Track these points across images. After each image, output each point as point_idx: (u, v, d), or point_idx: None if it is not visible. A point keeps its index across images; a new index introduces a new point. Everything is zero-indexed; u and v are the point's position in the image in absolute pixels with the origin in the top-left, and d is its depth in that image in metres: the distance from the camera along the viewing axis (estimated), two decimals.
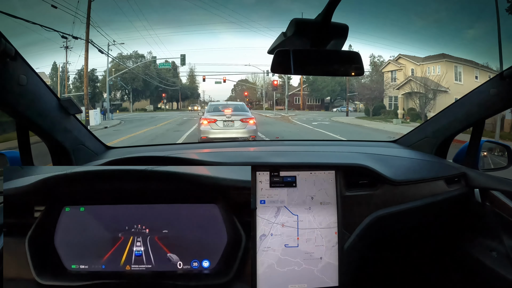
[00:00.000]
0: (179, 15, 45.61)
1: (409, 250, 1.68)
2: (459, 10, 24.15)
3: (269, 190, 1.32)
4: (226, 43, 65.44)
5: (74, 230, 1.05)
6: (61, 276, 1.02)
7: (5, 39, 0.94)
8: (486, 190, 1.40)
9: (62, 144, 1.35)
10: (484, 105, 1.40)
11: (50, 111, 1.25)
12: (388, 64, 25.63)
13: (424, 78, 20.24)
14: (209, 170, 1.12)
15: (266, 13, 46.28)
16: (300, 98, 39.53)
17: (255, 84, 44.49)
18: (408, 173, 1.42)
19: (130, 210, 1.07)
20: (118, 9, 36.34)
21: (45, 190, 1.05)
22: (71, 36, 17.97)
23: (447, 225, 1.55)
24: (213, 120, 8.32)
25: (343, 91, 33.83)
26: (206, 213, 1.07)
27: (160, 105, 39.77)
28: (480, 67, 19.27)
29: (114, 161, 1.34)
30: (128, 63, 33.48)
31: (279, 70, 0.98)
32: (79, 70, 27.59)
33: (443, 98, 18.27)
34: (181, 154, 1.41)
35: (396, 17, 31.80)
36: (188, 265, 1.06)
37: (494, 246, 1.36)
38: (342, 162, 1.39)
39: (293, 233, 1.30)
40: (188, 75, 44.13)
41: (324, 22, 0.93)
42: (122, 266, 1.05)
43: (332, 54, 1.01)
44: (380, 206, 1.36)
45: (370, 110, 24.54)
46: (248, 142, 3.67)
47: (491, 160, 1.60)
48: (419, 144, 1.73)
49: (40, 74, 2.17)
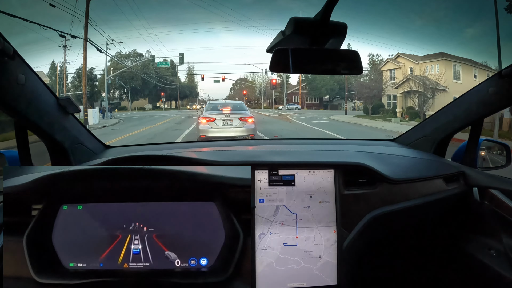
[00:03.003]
0: (178, 13, 45.56)
1: (407, 248, 1.69)
2: (458, 9, 24.15)
3: (268, 188, 1.32)
4: (225, 42, 65.36)
5: (72, 228, 1.05)
6: (59, 274, 1.02)
7: (3, 38, 0.94)
8: (485, 188, 1.40)
9: (61, 143, 1.35)
10: (482, 104, 1.40)
11: (48, 110, 1.24)
12: (387, 63, 25.64)
13: (423, 77, 20.29)
14: (207, 168, 1.12)
15: (265, 11, 46.32)
16: (298, 97, 39.55)
17: (253, 83, 44.52)
18: (407, 172, 1.42)
19: (128, 208, 1.07)
20: (116, 8, 36.20)
21: (43, 189, 1.05)
22: (70, 35, 17.89)
23: (446, 223, 1.56)
24: (212, 119, 8.32)
25: (342, 89, 33.88)
26: (204, 211, 1.07)
27: (159, 104, 39.72)
28: (479, 66, 19.33)
29: (112, 160, 1.33)
30: (126, 62, 33.34)
31: (277, 69, 0.98)
32: (78, 69, 27.43)
33: (442, 96, 18.31)
34: (179, 153, 1.41)
35: (395, 16, 31.82)
36: (186, 263, 1.06)
37: (493, 245, 1.37)
38: (341, 161, 1.39)
39: (292, 231, 1.30)
40: (187, 74, 44.17)
41: (323, 20, 0.93)
42: (120, 264, 1.05)
43: (331, 53, 1.01)
44: (379, 205, 1.36)
45: (369, 109, 24.57)
46: (247, 141, 3.66)
47: (490, 159, 1.60)
48: (418, 143, 1.73)
49: (39, 73, 2.17)
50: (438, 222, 1.57)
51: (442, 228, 1.59)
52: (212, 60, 79.17)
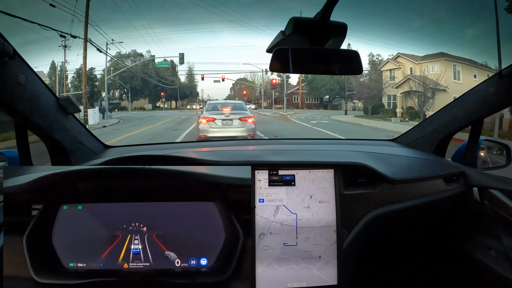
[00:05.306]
0: (178, 13, 45.49)
1: (407, 248, 1.69)
2: (459, 9, 24.13)
3: (268, 188, 1.32)
4: (225, 41, 65.17)
5: (72, 228, 1.05)
6: (59, 274, 1.02)
7: (3, 38, 0.94)
8: (485, 188, 1.40)
9: (61, 143, 1.35)
10: (482, 104, 1.40)
11: (48, 110, 1.24)
12: (387, 63, 25.63)
13: (423, 77, 20.27)
14: (207, 168, 1.12)
15: (265, 11, 46.16)
16: (298, 97, 39.55)
17: (253, 83, 44.50)
18: (407, 172, 1.42)
19: (128, 208, 1.07)
20: (116, 8, 36.11)
21: (43, 189, 1.05)
22: (70, 35, 17.85)
23: (446, 223, 1.56)
24: (212, 119, 8.31)
25: (342, 89, 33.87)
26: (204, 211, 1.07)
27: (159, 104, 39.69)
28: (479, 66, 19.32)
29: (112, 160, 1.33)
30: (126, 62, 33.31)
31: (277, 69, 0.98)
32: (78, 69, 27.40)
33: (442, 96, 18.31)
34: (179, 153, 1.41)
35: (395, 16, 31.82)
36: (186, 263, 1.06)
37: (493, 245, 1.37)
38: (341, 161, 1.39)
39: (292, 231, 1.30)
40: (187, 73, 44.11)
41: (323, 20, 0.93)
42: (120, 264, 1.05)
43: (331, 53, 1.01)
44: (379, 205, 1.36)
45: (369, 109, 24.56)
46: (247, 141, 3.66)
47: (490, 159, 1.60)
48: (418, 143, 1.73)
49: (39, 73, 2.17)
50: (438, 222, 1.57)
51: (442, 228, 1.59)
52: (212, 60, 79.20)
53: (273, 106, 34.24)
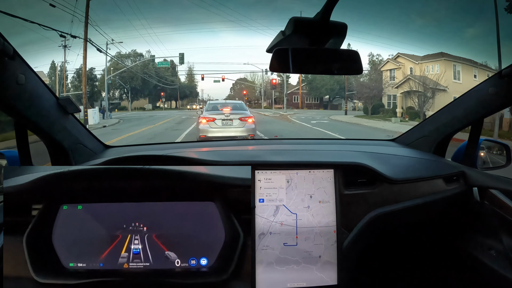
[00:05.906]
0: (178, 13, 45.42)
1: (407, 248, 1.69)
2: (459, 9, 24.17)
3: (268, 188, 1.32)
4: (225, 41, 65.01)
5: (72, 228, 1.05)
6: (59, 274, 1.02)
7: (3, 38, 0.94)
8: (485, 188, 1.40)
9: (61, 143, 1.35)
10: (482, 104, 1.40)
11: (48, 110, 1.24)
12: (387, 63, 25.64)
13: (423, 77, 20.29)
14: (207, 168, 1.12)
15: (265, 11, 46.15)
16: (299, 97, 39.55)
17: (253, 83, 44.47)
18: (407, 172, 1.42)
19: (128, 208, 1.07)
20: (116, 7, 36.18)
21: (43, 189, 1.05)
22: (70, 35, 17.89)
23: (446, 223, 1.56)
24: (212, 119, 8.31)
25: (342, 89, 33.86)
26: (204, 211, 1.07)
27: (159, 104, 39.67)
28: (479, 65, 19.33)
29: (112, 160, 1.33)
30: (126, 62, 33.30)
31: (277, 69, 0.98)
32: (78, 69, 27.40)
33: (442, 96, 18.32)
34: (179, 153, 1.41)
35: (395, 16, 31.78)
36: (186, 263, 1.06)
37: (493, 245, 1.37)
38: (341, 161, 1.39)
39: (292, 231, 1.30)
40: (187, 74, 44.09)
41: (323, 20, 0.93)
42: (120, 264, 1.05)
43: (331, 53, 1.01)
44: (379, 205, 1.36)
45: (369, 109, 24.57)
46: (247, 141, 3.67)
47: (490, 159, 1.60)
48: (418, 143, 1.73)
49: (39, 73, 2.17)
50: (438, 222, 1.57)
51: (442, 228, 1.59)
52: (212, 60, 79.22)
53: (273, 106, 34.22)
